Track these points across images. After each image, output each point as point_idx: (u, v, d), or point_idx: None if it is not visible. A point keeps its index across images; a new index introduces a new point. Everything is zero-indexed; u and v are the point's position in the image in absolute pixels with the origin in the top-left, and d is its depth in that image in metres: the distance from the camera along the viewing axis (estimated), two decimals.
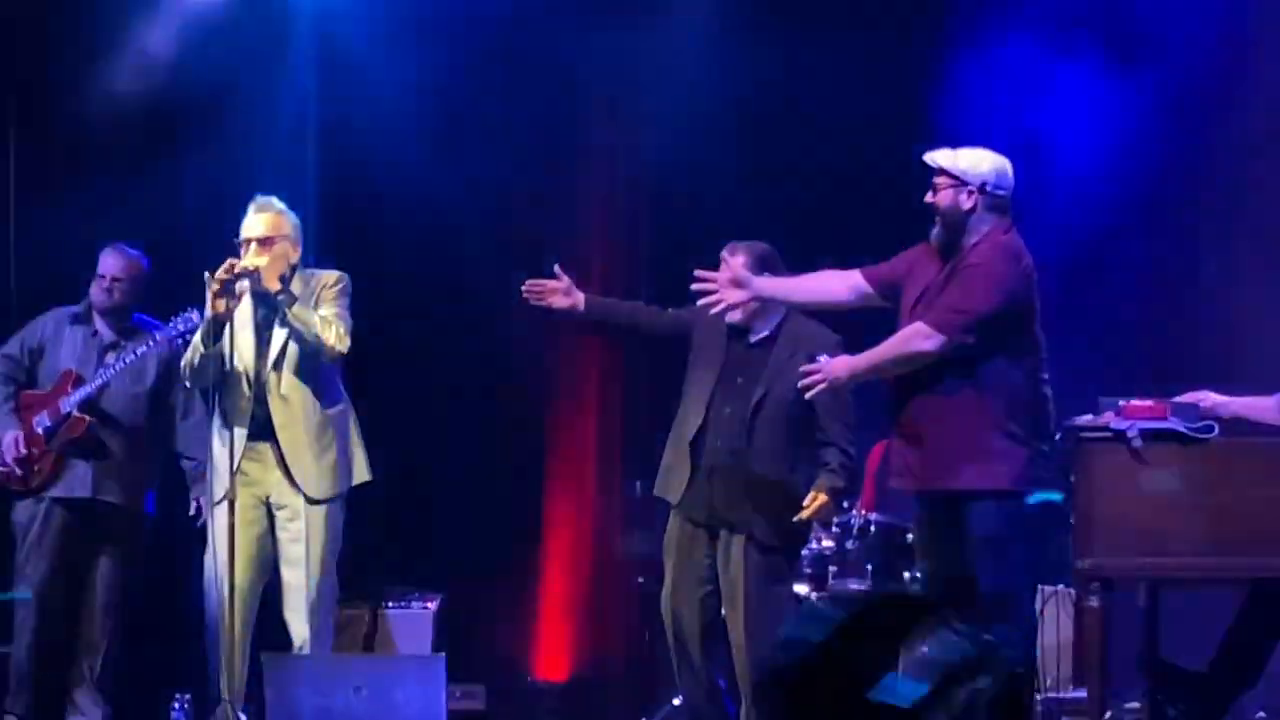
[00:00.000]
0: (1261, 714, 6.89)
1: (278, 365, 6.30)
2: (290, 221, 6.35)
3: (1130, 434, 6.18)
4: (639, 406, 8.65)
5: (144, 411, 6.86)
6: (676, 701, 7.32)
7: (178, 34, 8.39)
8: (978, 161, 6.06)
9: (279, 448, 6.29)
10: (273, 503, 6.32)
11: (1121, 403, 6.30)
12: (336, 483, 6.37)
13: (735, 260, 6.33)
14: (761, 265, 6.40)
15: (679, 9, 8.67)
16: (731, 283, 6.06)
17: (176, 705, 6.65)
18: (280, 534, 6.30)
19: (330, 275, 6.40)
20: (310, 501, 6.36)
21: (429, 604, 8.23)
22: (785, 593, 6.57)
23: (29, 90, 8.18)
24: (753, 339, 6.26)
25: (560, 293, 6.51)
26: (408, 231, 8.78)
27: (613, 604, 9.02)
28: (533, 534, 9.07)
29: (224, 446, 6.34)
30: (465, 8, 8.39)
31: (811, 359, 6.07)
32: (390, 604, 7.95)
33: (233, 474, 6.21)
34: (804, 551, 7.16)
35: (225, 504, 6.32)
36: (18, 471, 6.86)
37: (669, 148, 8.80)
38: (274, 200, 6.41)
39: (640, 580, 8.27)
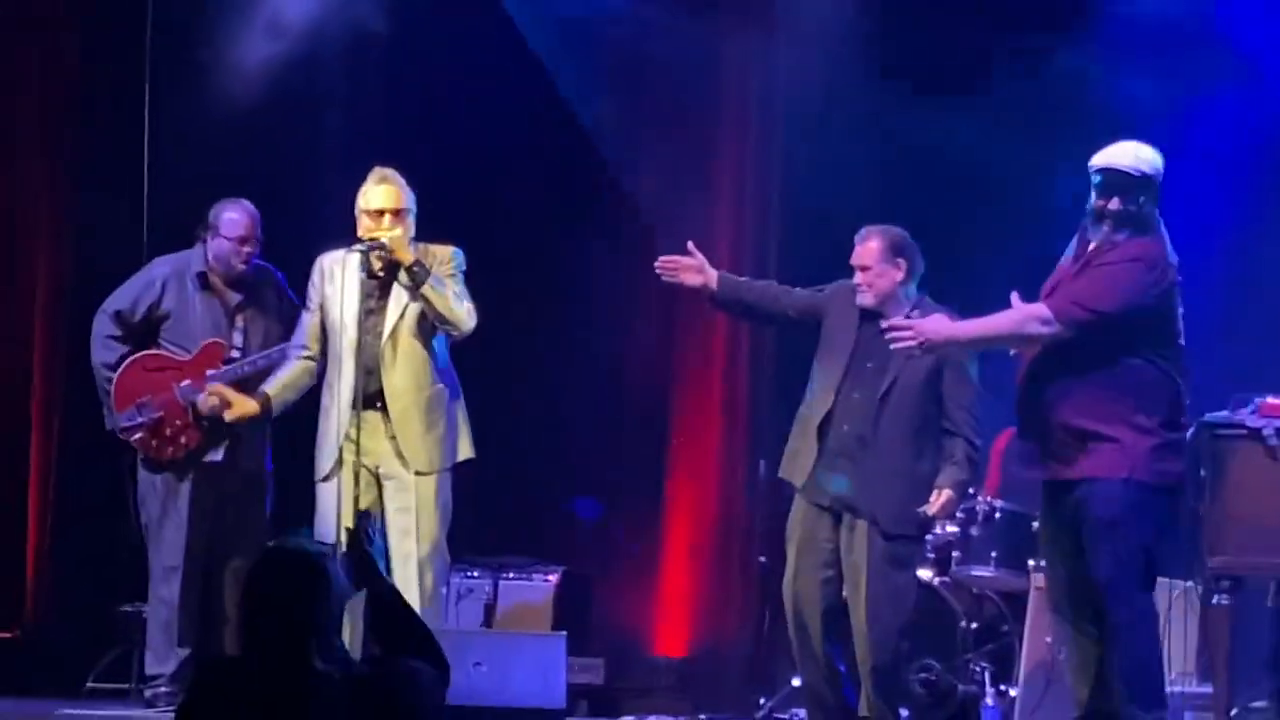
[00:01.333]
0: None
1: (393, 337, 6.31)
2: (410, 194, 6.35)
3: (1267, 432, 6.18)
4: (764, 384, 8.57)
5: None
6: (796, 683, 7.24)
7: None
8: (1142, 161, 5.95)
9: (389, 419, 6.30)
10: (381, 473, 6.33)
11: (1258, 400, 6.29)
12: (443, 457, 6.38)
13: (873, 246, 6.33)
14: (895, 251, 6.38)
15: None
16: (926, 328, 5.96)
17: None
18: (389, 504, 6.32)
19: (444, 250, 6.38)
20: (417, 474, 6.36)
21: (550, 576, 8.25)
22: (908, 579, 6.51)
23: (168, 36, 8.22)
24: (884, 324, 6.18)
25: (694, 270, 6.47)
26: (532, 202, 8.73)
27: (733, 582, 8.98)
28: (655, 508, 9.02)
29: (330, 419, 6.37)
30: None
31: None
32: (511, 574, 7.94)
33: (346, 443, 6.25)
34: (928, 537, 7.05)
35: (333, 479, 6.34)
36: (152, 440, 6.78)
37: (803, 120, 8.65)
38: (393, 172, 6.38)
39: (762, 559, 8.26)
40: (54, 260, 8.37)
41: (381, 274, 6.31)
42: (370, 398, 6.33)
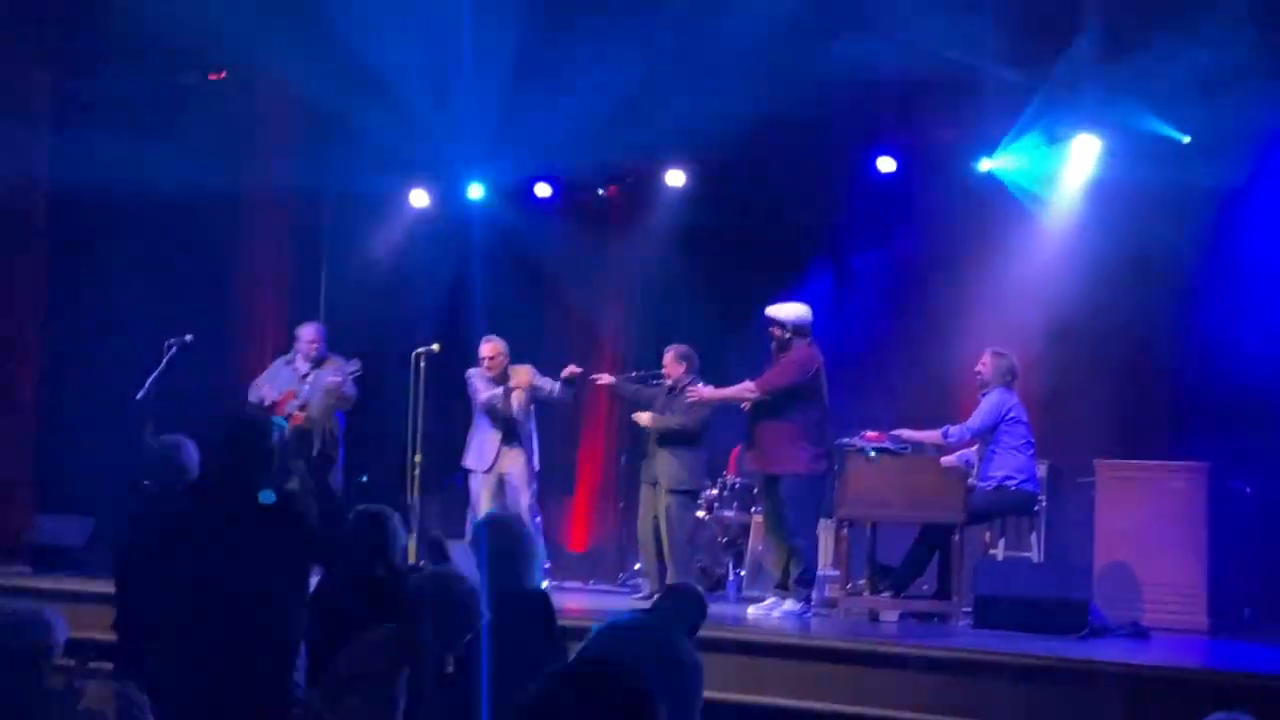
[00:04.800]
0: (926, 586, 9.08)
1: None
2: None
3: (867, 449, 8.84)
4: (624, 420, 10.74)
5: None
6: (638, 566, 9.93)
7: None
8: (789, 313, 8.75)
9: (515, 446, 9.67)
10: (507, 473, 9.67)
11: (863, 432, 8.90)
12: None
13: (670, 355, 9.34)
14: (682, 358, 9.48)
15: None
16: (703, 393, 8.84)
17: None
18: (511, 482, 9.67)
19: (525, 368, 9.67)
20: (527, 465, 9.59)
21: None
22: (691, 516, 9.47)
23: None
24: (675, 393, 9.38)
25: (606, 380, 9.69)
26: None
27: (610, 514, 11.68)
28: (572, 481, 11.96)
29: (484, 439, 9.59)
30: None
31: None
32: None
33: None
34: (701, 496, 9.95)
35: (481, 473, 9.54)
36: None
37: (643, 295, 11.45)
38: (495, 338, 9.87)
39: (622, 504, 11.03)
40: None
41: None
42: (509, 432, 9.74)
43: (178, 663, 4.86)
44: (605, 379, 9.72)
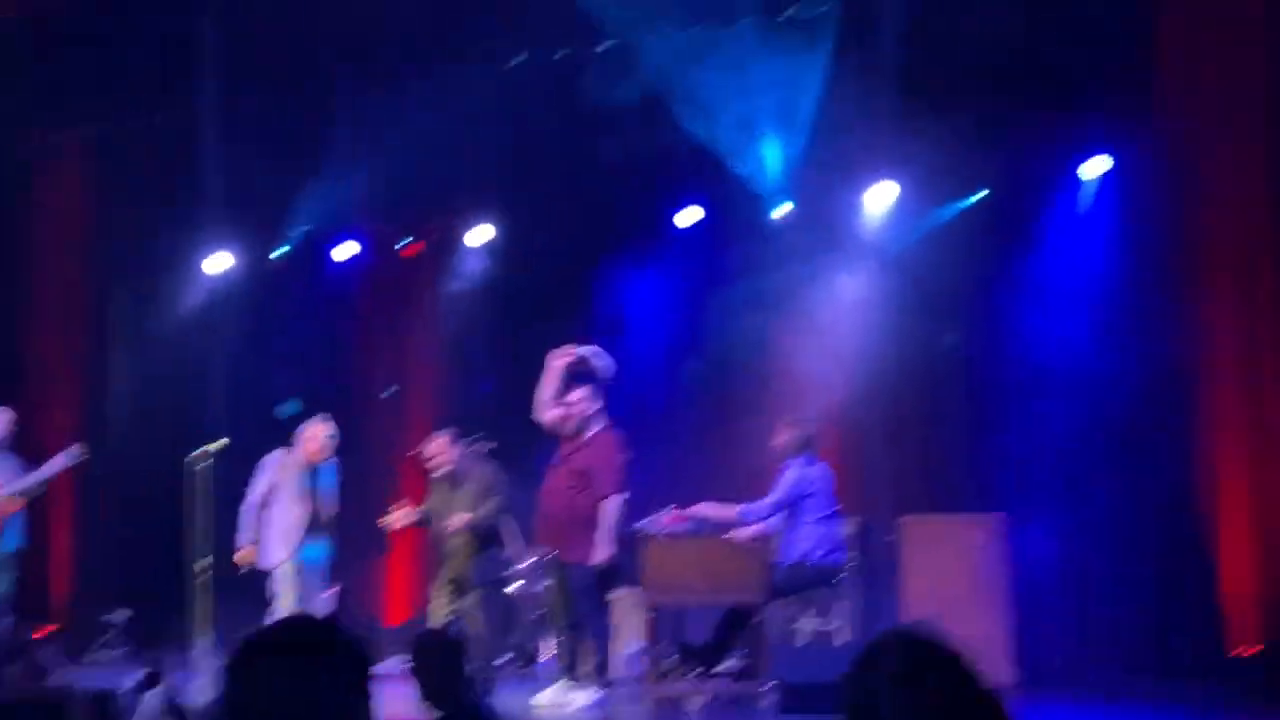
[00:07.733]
0: (733, 660, 8.78)
1: None
2: None
3: (661, 534, 8.64)
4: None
5: None
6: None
7: None
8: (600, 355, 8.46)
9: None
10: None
11: (668, 510, 8.68)
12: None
13: (444, 440, 9.16)
14: (456, 441, 9.24)
15: None
16: None
17: None
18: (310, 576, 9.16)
19: None
20: None
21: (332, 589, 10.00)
22: (494, 612, 9.40)
23: None
24: (456, 481, 9.17)
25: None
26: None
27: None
28: (381, 550, 11.40)
29: (289, 524, 9.17)
30: None
31: None
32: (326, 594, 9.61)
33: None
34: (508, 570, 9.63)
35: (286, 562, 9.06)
36: None
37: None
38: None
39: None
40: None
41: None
42: None
43: None
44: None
